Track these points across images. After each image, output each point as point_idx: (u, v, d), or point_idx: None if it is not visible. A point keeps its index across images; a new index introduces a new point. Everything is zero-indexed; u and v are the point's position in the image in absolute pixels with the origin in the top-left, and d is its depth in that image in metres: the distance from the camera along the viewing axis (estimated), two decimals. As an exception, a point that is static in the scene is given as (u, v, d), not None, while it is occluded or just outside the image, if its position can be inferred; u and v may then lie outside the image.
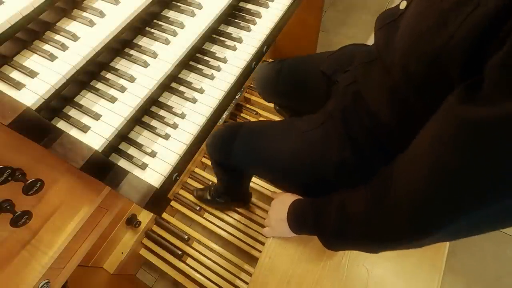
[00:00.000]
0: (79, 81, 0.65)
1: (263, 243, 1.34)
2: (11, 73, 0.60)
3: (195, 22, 0.75)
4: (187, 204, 1.44)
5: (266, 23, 0.81)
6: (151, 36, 0.73)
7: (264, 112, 1.67)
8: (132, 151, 0.64)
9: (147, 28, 0.76)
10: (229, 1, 0.78)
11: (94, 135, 0.60)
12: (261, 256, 0.76)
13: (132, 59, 0.70)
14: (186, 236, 1.36)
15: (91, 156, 0.54)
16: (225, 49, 0.78)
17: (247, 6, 0.85)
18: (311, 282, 0.71)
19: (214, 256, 1.35)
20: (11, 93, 0.56)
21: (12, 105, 0.52)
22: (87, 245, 0.63)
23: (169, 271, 1.33)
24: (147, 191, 0.56)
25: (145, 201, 0.55)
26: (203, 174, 1.51)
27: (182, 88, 0.73)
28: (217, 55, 0.76)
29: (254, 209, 1.43)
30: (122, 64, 0.70)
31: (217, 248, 1.36)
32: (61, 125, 0.61)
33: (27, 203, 0.54)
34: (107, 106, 0.64)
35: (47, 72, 0.60)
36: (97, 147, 0.57)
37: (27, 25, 0.60)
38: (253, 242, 1.36)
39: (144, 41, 0.74)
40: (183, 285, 1.31)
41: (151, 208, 0.57)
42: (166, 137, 0.65)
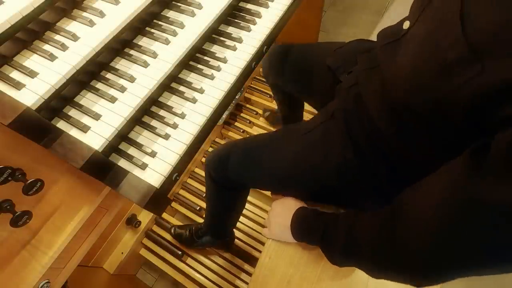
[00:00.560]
0: (79, 81, 0.65)
1: (263, 243, 1.33)
2: (11, 73, 0.60)
3: (195, 22, 0.75)
4: (187, 204, 1.44)
5: (266, 23, 0.81)
6: (151, 36, 0.73)
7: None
8: (132, 151, 0.64)
9: (147, 28, 0.76)
10: (229, 1, 0.78)
11: (94, 135, 0.60)
12: (261, 256, 0.76)
13: (132, 59, 0.70)
14: (186, 236, 1.36)
15: (91, 156, 0.54)
16: (225, 49, 0.78)
17: (247, 6, 0.85)
18: (311, 282, 0.71)
19: (214, 256, 1.35)
20: (11, 93, 0.56)
21: (12, 105, 0.52)
22: (87, 245, 0.63)
23: (169, 271, 1.33)
24: (147, 191, 0.56)
25: (145, 201, 0.55)
26: (203, 174, 1.51)
27: (182, 88, 0.73)
28: (217, 55, 0.76)
29: (254, 209, 1.43)
30: (122, 64, 0.70)
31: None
32: (61, 125, 0.61)
33: (27, 203, 0.54)
34: (107, 106, 0.64)
35: (47, 72, 0.60)
36: (97, 147, 0.58)
37: (27, 25, 0.61)
38: (253, 242, 1.36)
39: (144, 41, 0.74)
40: (183, 285, 1.31)
41: (151, 208, 0.57)
42: (166, 137, 0.65)
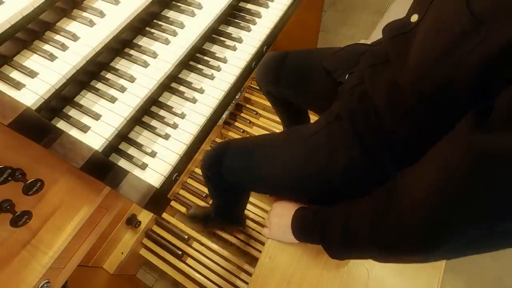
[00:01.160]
0: (79, 81, 0.65)
1: (263, 243, 1.34)
2: (11, 73, 0.60)
3: (195, 22, 0.75)
4: (187, 204, 1.44)
5: (266, 23, 0.81)
6: (151, 36, 0.73)
7: (264, 112, 1.66)
8: (132, 151, 0.64)
9: (147, 28, 0.76)
10: (229, 1, 0.78)
11: (94, 135, 0.60)
12: (261, 256, 0.76)
13: (132, 59, 0.70)
14: (186, 236, 1.36)
15: (91, 156, 0.54)
16: (225, 49, 0.78)
17: (247, 6, 0.85)
18: (311, 282, 0.71)
19: (214, 256, 1.35)
20: (11, 93, 0.56)
21: (12, 105, 0.52)
22: (87, 245, 0.63)
23: (169, 271, 1.33)
24: (147, 191, 0.56)
25: (145, 201, 0.55)
26: (203, 174, 1.51)
27: (182, 88, 0.73)
28: (217, 55, 0.76)
29: (254, 209, 1.42)
30: (122, 64, 0.70)
31: (217, 248, 1.36)
32: (61, 125, 0.61)
33: (27, 203, 0.54)
34: (107, 106, 0.64)
35: (47, 72, 0.60)
36: (97, 147, 0.57)
37: (27, 25, 0.60)
38: (253, 242, 1.36)
39: (144, 41, 0.74)
40: (183, 285, 1.31)
41: (151, 208, 0.57)
42: (166, 137, 0.65)
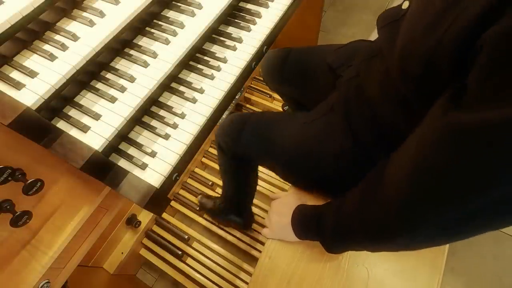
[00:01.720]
0: (79, 81, 0.65)
1: (263, 243, 1.33)
2: (11, 73, 0.60)
3: (195, 22, 0.75)
4: (187, 204, 1.44)
5: (266, 23, 0.81)
6: (151, 36, 0.73)
7: (264, 112, 1.67)
8: (132, 151, 0.64)
9: (147, 28, 0.76)
10: (229, 1, 0.78)
11: (94, 135, 0.60)
12: (261, 256, 0.76)
13: (132, 59, 0.70)
14: (186, 236, 1.36)
15: (91, 156, 0.54)
16: (225, 49, 0.78)
17: (247, 6, 0.85)
18: (311, 282, 0.71)
19: (214, 256, 1.35)
20: (11, 93, 0.56)
21: (12, 105, 0.52)
22: (87, 245, 0.63)
23: (169, 271, 1.33)
24: (147, 191, 0.56)
25: (145, 201, 0.55)
26: (203, 174, 1.51)
27: (182, 88, 0.73)
28: (217, 55, 0.76)
29: (254, 209, 1.42)
30: (122, 64, 0.70)
31: (217, 248, 1.36)
32: (61, 125, 0.61)
33: (27, 203, 0.54)
34: (107, 106, 0.64)
35: (47, 72, 0.60)
36: (97, 147, 0.57)
37: (27, 25, 0.60)
38: (253, 242, 1.36)
39: (144, 41, 0.74)
40: (183, 285, 1.31)
41: (151, 208, 0.57)
42: (166, 137, 0.65)
